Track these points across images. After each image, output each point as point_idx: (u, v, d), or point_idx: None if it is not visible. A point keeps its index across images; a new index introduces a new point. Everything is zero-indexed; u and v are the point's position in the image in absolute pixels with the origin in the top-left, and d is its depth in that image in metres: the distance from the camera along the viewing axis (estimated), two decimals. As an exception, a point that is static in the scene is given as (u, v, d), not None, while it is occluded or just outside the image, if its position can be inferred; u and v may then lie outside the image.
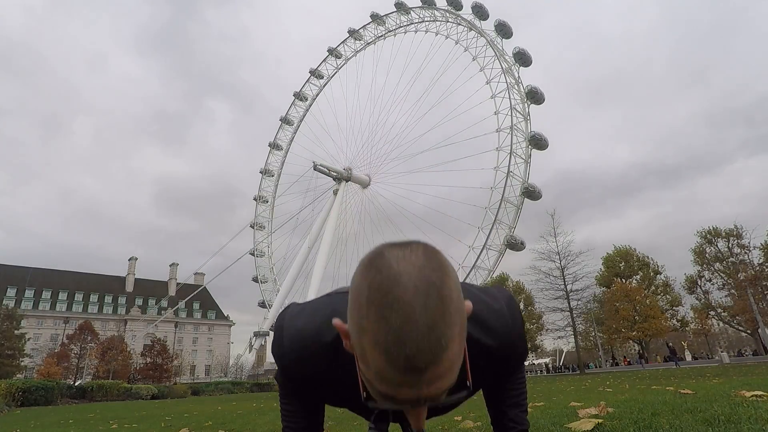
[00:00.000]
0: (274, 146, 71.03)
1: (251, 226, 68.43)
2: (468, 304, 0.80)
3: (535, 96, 42.20)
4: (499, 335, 1.16)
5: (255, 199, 70.04)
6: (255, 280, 65.72)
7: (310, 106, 69.08)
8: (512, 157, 41.23)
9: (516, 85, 43.35)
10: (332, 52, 67.01)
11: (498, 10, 46.88)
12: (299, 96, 70.12)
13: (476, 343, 1.08)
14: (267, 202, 69.24)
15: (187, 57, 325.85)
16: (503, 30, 45.13)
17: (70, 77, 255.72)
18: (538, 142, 41.13)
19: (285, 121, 70.94)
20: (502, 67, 43.86)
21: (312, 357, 1.10)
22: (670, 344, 40.15)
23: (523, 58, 43.74)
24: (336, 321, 0.85)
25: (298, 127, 69.88)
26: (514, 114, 42.20)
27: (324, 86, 68.18)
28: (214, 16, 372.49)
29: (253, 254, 65.81)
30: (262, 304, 62.70)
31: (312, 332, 1.11)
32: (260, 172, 70.87)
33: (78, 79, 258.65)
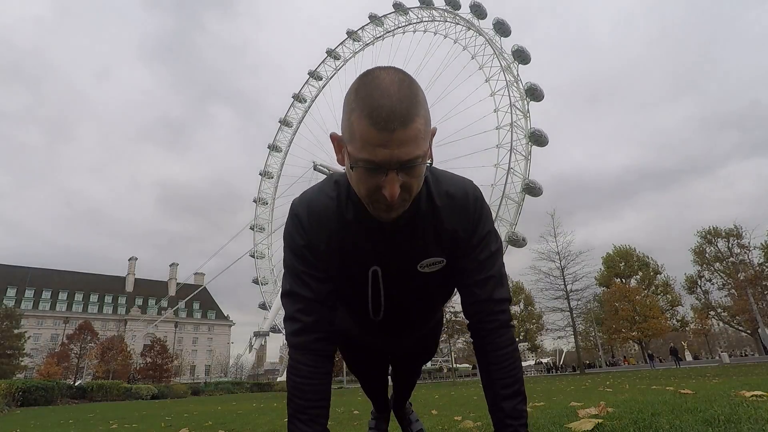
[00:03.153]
0: (273, 148, 71.03)
1: (251, 228, 68.44)
2: (434, 128, 1.05)
3: (534, 93, 42.23)
4: (464, 211, 1.21)
5: (255, 201, 70.03)
6: (255, 281, 65.71)
7: (309, 107, 69.08)
8: (512, 154, 41.30)
9: (515, 83, 43.40)
10: (331, 53, 66.96)
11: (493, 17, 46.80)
12: (298, 98, 70.09)
13: (442, 218, 1.19)
14: (266, 203, 69.24)
15: (190, 65, 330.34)
16: (502, 28, 45.17)
17: (77, 84, 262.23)
18: (538, 139, 41.16)
19: (284, 122, 70.93)
20: (501, 65, 43.90)
21: (320, 211, 1.20)
22: (672, 345, 40.18)
23: (522, 56, 43.76)
24: (332, 133, 1.08)
25: (297, 128, 69.88)
26: (513, 111, 42.28)
27: (323, 87, 68.18)
28: (217, 27, 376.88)
29: (253, 256, 65.79)
30: (263, 306, 62.71)
31: (316, 192, 1.24)
32: (260, 174, 70.87)
33: (84, 87, 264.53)
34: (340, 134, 1.05)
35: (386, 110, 0.91)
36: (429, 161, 1.06)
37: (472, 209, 1.22)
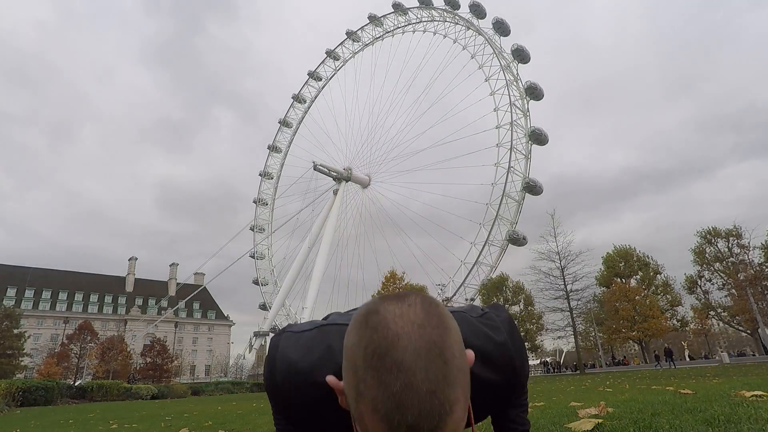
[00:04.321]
0: (273, 149, 71.03)
1: (251, 229, 68.41)
2: (470, 356, 0.75)
3: (534, 92, 42.24)
4: (504, 370, 1.16)
5: (254, 201, 70.01)
6: (256, 282, 65.68)
7: (309, 108, 69.06)
8: (512, 152, 41.31)
9: (515, 82, 43.41)
10: (330, 54, 66.92)
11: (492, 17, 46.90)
12: (298, 98, 70.07)
13: (481, 382, 1.07)
14: (266, 204, 69.22)
15: (192, 68, 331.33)
16: (501, 28, 45.20)
17: (79, 87, 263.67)
18: (538, 137, 41.18)
19: (284, 123, 70.92)
20: (500, 64, 43.90)
21: (305, 395, 1.08)
22: (666, 345, 40.28)
23: (521, 55, 43.78)
24: (330, 379, 0.83)
25: (297, 129, 69.88)
26: (513, 110, 42.28)
27: (322, 88, 68.16)
28: (219, 30, 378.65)
29: (253, 257, 65.75)
30: (263, 306, 62.67)
31: (306, 370, 1.08)
32: (259, 175, 70.85)
33: (87, 89, 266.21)
34: (341, 384, 0.78)
35: (413, 413, 0.62)
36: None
37: (509, 360, 1.19)
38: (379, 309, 0.71)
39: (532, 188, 40.41)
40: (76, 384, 30.08)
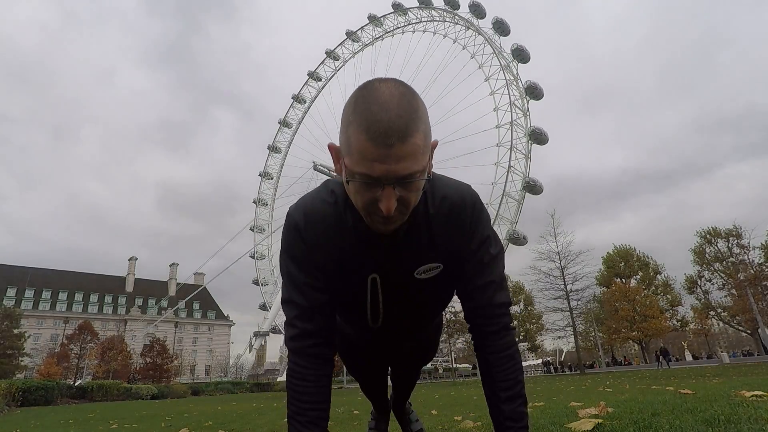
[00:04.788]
0: (272, 149, 70.98)
1: (251, 229, 68.40)
2: (435, 141, 1.05)
3: (534, 91, 42.22)
4: (455, 212, 1.19)
5: (254, 202, 69.97)
6: (256, 282, 65.66)
7: (309, 108, 69.01)
8: (512, 152, 41.30)
9: (515, 81, 43.40)
10: (330, 54, 66.88)
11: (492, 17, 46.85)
12: (297, 98, 70.02)
13: (432, 201, 1.18)
14: (266, 204, 69.19)
15: (192, 69, 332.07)
16: (501, 27, 45.19)
17: (80, 89, 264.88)
18: (538, 137, 41.16)
19: (283, 123, 70.87)
20: (500, 64, 43.90)
21: (318, 218, 1.18)
22: (661, 345, 40.37)
23: (521, 55, 43.77)
24: (330, 144, 1.07)
25: (297, 129, 69.84)
26: (513, 110, 42.28)
27: (322, 88, 68.13)
28: (219, 31, 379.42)
29: (253, 257, 65.73)
30: (263, 307, 62.64)
31: (314, 198, 1.22)
32: (259, 175, 70.81)
33: (87, 91, 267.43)
34: (338, 145, 1.04)
35: (384, 125, 0.90)
36: (428, 176, 1.06)
37: (469, 214, 1.21)
38: (369, 82, 0.99)
39: (532, 187, 40.41)
40: (76, 384, 30.07)
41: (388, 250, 1.19)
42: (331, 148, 1.08)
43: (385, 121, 0.90)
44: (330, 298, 1.25)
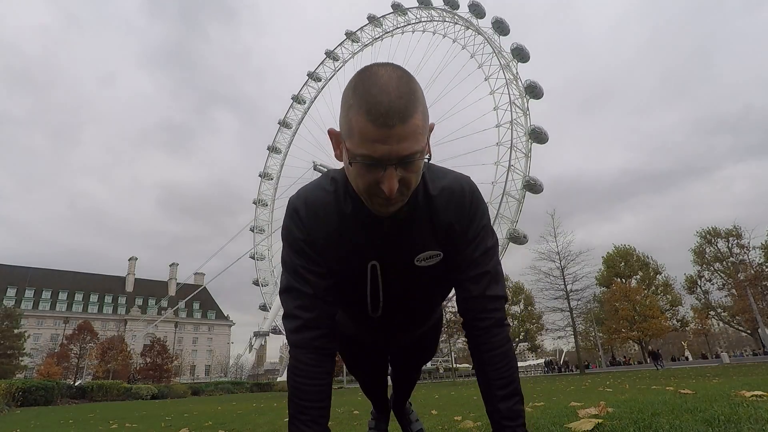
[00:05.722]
0: (272, 150, 70.99)
1: (251, 230, 68.40)
2: (432, 123, 1.05)
3: (534, 90, 42.23)
4: (453, 201, 1.21)
5: (254, 202, 69.98)
6: (256, 283, 65.64)
7: (309, 108, 69.02)
8: (513, 151, 41.32)
9: (515, 81, 43.41)
10: (330, 54, 66.89)
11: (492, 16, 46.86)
12: (297, 99, 70.03)
13: (432, 189, 1.19)
14: (266, 205, 69.17)
15: (193, 71, 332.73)
16: (500, 27, 45.21)
17: (82, 90, 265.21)
18: (538, 136, 41.18)
19: (283, 124, 70.87)
20: (500, 63, 43.92)
21: (318, 206, 1.19)
22: (651, 347, 40.38)
23: (521, 54, 43.79)
24: (330, 129, 1.09)
25: (297, 129, 69.85)
26: (513, 109, 42.30)
27: (322, 89, 68.16)
28: (220, 34, 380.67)
29: (253, 257, 65.72)
30: (263, 307, 62.64)
31: (315, 187, 1.23)
32: (259, 176, 70.81)
33: (89, 92, 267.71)
34: (338, 130, 1.06)
35: (385, 106, 0.92)
36: (427, 156, 1.07)
37: (467, 203, 1.22)
38: (368, 67, 1.01)
39: (532, 186, 40.42)
40: (76, 384, 30.06)
41: (388, 237, 1.19)
42: (331, 133, 1.10)
43: (386, 102, 0.92)
44: (332, 284, 1.24)
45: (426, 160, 1.06)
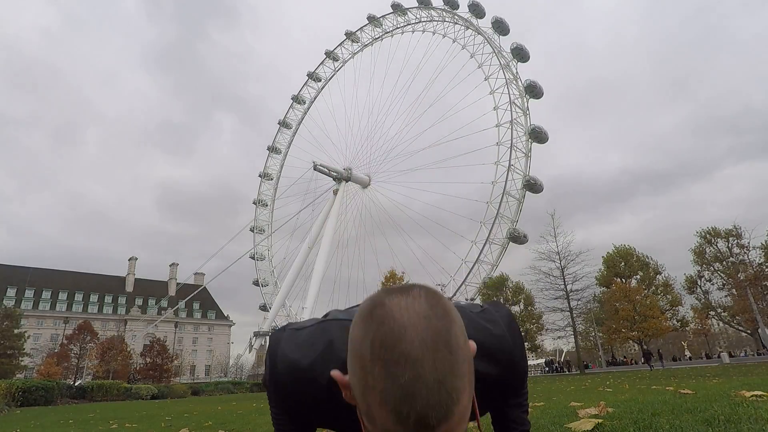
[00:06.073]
0: (272, 150, 71.01)
1: (251, 230, 68.41)
2: (472, 345, 0.76)
3: (533, 90, 42.27)
4: (502, 363, 1.19)
5: (254, 202, 69.99)
6: (256, 283, 65.65)
7: (309, 108, 69.04)
8: (513, 151, 41.37)
9: (514, 80, 43.44)
10: (329, 54, 66.92)
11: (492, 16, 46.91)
12: (297, 99, 70.04)
13: (480, 375, 1.04)
14: (266, 205, 69.20)
15: (194, 72, 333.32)
16: (500, 27, 45.26)
17: (83, 91, 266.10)
18: (538, 135, 41.22)
19: (283, 124, 70.90)
20: (500, 63, 43.94)
21: (307, 391, 1.09)
22: (645, 348, 40.40)
23: (521, 54, 43.82)
24: (335, 373, 0.82)
25: (297, 130, 69.87)
26: (513, 108, 42.33)
27: (322, 89, 68.18)
28: (220, 35, 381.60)
29: (253, 257, 65.72)
30: (263, 307, 62.66)
31: (308, 366, 1.08)
32: (259, 176, 70.81)
33: (90, 93, 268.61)
34: (344, 377, 0.79)
35: (422, 404, 0.62)
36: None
37: (508, 353, 1.22)
38: (385, 301, 0.71)
39: (532, 186, 40.44)
40: (76, 384, 30.07)
41: None
42: (339, 379, 0.81)
43: (423, 398, 0.62)
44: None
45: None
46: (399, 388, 0.63)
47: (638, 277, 57.00)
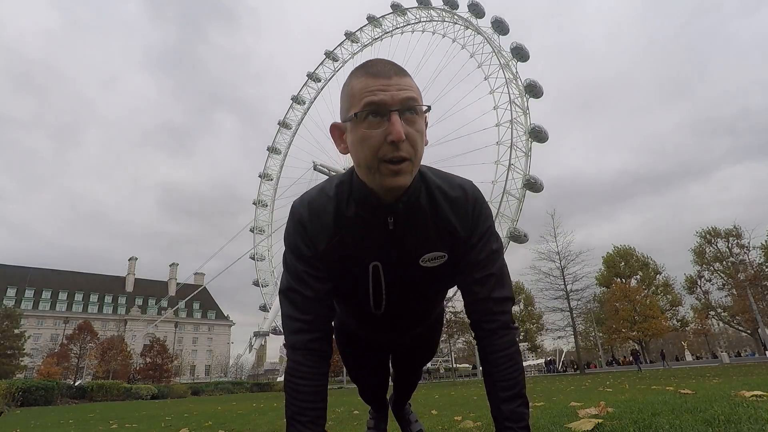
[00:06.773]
0: (272, 150, 70.98)
1: (251, 230, 68.40)
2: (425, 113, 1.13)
3: (533, 90, 42.25)
4: (468, 215, 1.24)
5: (254, 203, 69.97)
6: (256, 283, 65.65)
7: (308, 109, 69.02)
8: (513, 150, 41.36)
9: (514, 80, 43.44)
10: (329, 55, 66.92)
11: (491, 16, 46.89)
12: (297, 99, 70.02)
13: (435, 192, 1.22)
14: (266, 206, 69.18)
15: (194, 74, 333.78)
16: (500, 27, 45.25)
17: (84, 93, 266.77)
18: (538, 135, 41.21)
19: (283, 124, 70.87)
20: (500, 63, 43.94)
21: (321, 210, 1.21)
22: (634, 348, 40.38)
23: (520, 53, 43.81)
24: (331, 124, 1.16)
25: (297, 130, 69.85)
26: (513, 108, 42.33)
27: (321, 89, 68.17)
28: (220, 36, 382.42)
29: (253, 258, 65.72)
30: (264, 308, 62.66)
31: (318, 191, 1.27)
32: (259, 177, 70.80)
33: (91, 94, 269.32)
34: (340, 122, 1.14)
35: (382, 67, 1.07)
36: (425, 141, 1.12)
37: (471, 207, 1.24)
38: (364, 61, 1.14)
39: (532, 185, 40.42)
40: (76, 384, 30.06)
41: (391, 237, 1.21)
42: (333, 127, 1.17)
43: (382, 64, 1.08)
44: (332, 287, 1.26)
45: (425, 110, 1.11)
46: (369, 65, 1.08)
47: (638, 277, 57.01)
